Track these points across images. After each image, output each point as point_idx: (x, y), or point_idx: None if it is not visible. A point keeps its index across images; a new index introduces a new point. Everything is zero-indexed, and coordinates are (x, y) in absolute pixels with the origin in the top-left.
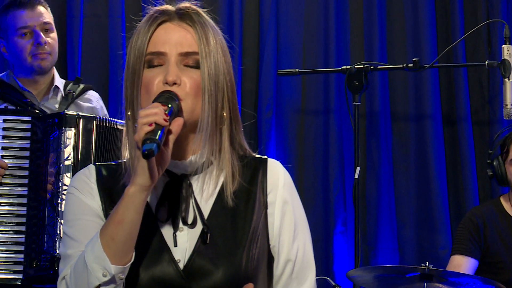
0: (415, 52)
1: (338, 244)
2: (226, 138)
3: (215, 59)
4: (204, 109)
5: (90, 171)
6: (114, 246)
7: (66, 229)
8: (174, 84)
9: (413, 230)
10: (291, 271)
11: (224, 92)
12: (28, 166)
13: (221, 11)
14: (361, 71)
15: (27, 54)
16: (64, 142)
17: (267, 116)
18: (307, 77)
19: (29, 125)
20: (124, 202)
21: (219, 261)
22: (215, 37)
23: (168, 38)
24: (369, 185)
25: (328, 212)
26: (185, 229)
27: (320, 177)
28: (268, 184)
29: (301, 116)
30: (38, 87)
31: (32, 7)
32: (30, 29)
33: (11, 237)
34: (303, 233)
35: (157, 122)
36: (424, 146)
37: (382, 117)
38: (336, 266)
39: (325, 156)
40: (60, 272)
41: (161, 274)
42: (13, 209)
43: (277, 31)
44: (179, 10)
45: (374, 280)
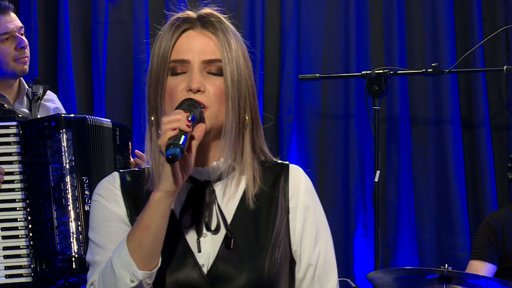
0: (434, 57)
1: (359, 246)
2: (247, 142)
3: (237, 65)
4: (228, 115)
5: (114, 178)
6: (141, 252)
7: (93, 236)
8: (198, 91)
9: (432, 233)
10: (313, 275)
11: (246, 97)
12: (22, 170)
13: (243, 17)
14: (381, 76)
15: (10, 59)
16: (64, 143)
17: (288, 120)
18: (328, 82)
19: (16, 129)
20: (150, 208)
21: (242, 266)
22: (236, 43)
23: (191, 46)
24: (389, 188)
25: (348, 214)
26: (208, 234)
27: (341, 180)
28: (290, 189)
29: (322, 121)
30: (11, 91)
31: (7, 13)
32: (11, 34)
33: (16, 242)
34: (325, 237)
35: (180, 128)
36: (443, 150)
37: (402, 121)
38: (356, 268)
39: (346, 159)
40: (88, 278)
41: (185, 278)
42: (16, 215)
43: (298, 36)
44: (201, 17)
45: (394, 282)
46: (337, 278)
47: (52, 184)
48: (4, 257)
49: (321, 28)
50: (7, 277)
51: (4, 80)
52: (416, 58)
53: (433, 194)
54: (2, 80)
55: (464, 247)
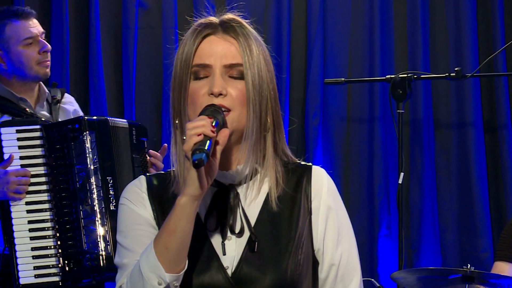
0: (457, 61)
1: (383, 246)
2: (270, 145)
3: (258, 69)
4: (250, 118)
5: (140, 182)
6: (168, 255)
7: (120, 239)
8: (220, 95)
9: (455, 234)
10: (335, 275)
11: (268, 101)
12: (47, 172)
13: (269, 22)
14: (405, 80)
15: (34, 62)
16: (88, 145)
17: (314, 123)
18: (353, 86)
19: (40, 133)
20: (176, 212)
21: (266, 268)
22: (258, 47)
23: (213, 51)
24: (413, 190)
25: (372, 216)
26: (233, 237)
27: (365, 182)
28: (312, 190)
29: (347, 124)
30: (33, 95)
31: (30, 18)
32: (35, 39)
33: (44, 243)
34: (347, 238)
35: (205, 133)
36: (466, 152)
37: (425, 125)
38: (380, 268)
39: (370, 162)
40: (117, 281)
41: (210, 281)
42: (43, 215)
43: (324, 41)
44: (223, 23)
45: (417, 282)
46: (361, 278)
47: (78, 185)
48: (33, 257)
49: (346, 33)
50: (36, 277)
51: (26, 84)
52: (439, 62)
53: (456, 196)
54: (24, 83)
55: (486, 248)
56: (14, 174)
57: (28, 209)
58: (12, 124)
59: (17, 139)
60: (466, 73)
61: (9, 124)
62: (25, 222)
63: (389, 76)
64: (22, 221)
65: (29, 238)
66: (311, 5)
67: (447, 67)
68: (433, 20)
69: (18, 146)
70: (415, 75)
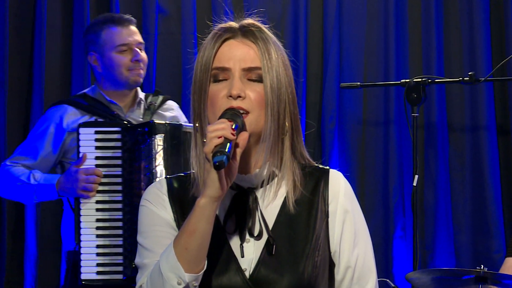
0: (471, 65)
1: (398, 248)
2: (287, 147)
3: (277, 73)
4: (267, 121)
5: (161, 184)
6: (187, 256)
7: (141, 240)
8: (238, 97)
9: (468, 235)
10: (352, 277)
11: (286, 104)
12: (121, 173)
13: (287, 28)
14: (419, 84)
15: (124, 68)
16: (155, 149)
17: (330, 127)
18: (368, 90)
19: (119, 135)
20: (196, 213)
21: (284, 270)
22: (276, 52)
23: (232, 54)
24: (427, 192)
25: (388, 217)
26: (251, 240)
27: (380, 185)
28: (330, 194)
29: (362, 127)
30: (125, 100)
31: (128, 26)
32: (129, 47)
33: (111, 241)
34: (364, 240)
35: (225, 136)
36: (479, 155)
37: (439, 128)
38: (395, 268)
39: (385, 164)
40: (137, 281)
41: (228, 282)
42: (111, 215)
43: (340, 46)
44: (242, 27)
45: (431, 282)
46: (376, 279)
47: (143, 188)
48: (97, 254)
49: (361, 38)
50: (98, 273)
51: (118, 90)
52: (453, 66)
53: (469, 198)
54: (116, 90)
55: (499, 249)
56: (84, 172)
57: (98, 207)
58: (92, 125)
59: (95, 139)
60: (479, 77)
61: (89, 125)
62: (93, 220)
63: (404, 80)
64: (91, 218)
65: (95, 236)
66: (327, 11)
67: (461, 71)
68: (447, 25)
69: (95, 146)
70: (429, 79)
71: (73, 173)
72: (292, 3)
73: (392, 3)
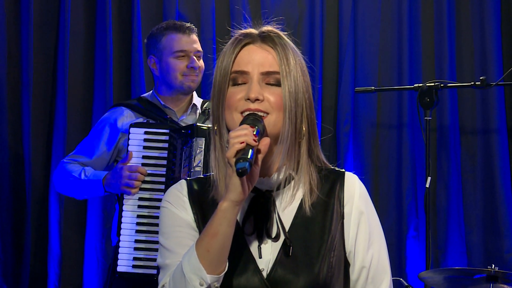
0: (482, 70)
1: (411, 247)
2: (304, 151)
3: (294, 78)
4: (285, 124)
5: (182, 186)
6: (209, 257)
7: (163, 240)
8: (256, 100)
9: (480, 235)
10: (366, 277)
11: (303, 108)
12: (165, 173)
13: (303, 34)
14: (432, 89)
15: (179, 73)
16: (195, 150)
17: (345, 130)
18: (382, 94)
19: (167, 137)
20: (218, 217)
21: (300, 271)
22: (294, 57)
23: (251, 59)
24: (439, 194)
25: (401, 218)
26: (269, 241)
27: (394, 186)
28: (345, 196)
29: (377, 130)
30: (179, 104)
31: (189, 34)
32: (186, 53)
33: (148, 237)
34: (378, 241)
35: (247, 142)
36: (491, 157)
37: (451, 131)
38: (408, 268)
39: (399, 166)
40: (160, 281)
41: (246, 283)
42: (151, 212)
43: (355, 52)
44: (261, 33)
45: (444, 281)
46: (391, 279)
47: None
48: (134, 249)
49: (375, 44)
50: (134, 267)
51: (173, 95)
52: (465, 71)
53: (481, 199)
54: (171, 94)
55: (510, 249)
56: (128, 169)
57: (140, 204)
58: (143, 126)
59: (144, 139)
60: (490, 81)
61: (140, 126)
62: (135, 215)
63: (417, 85)
64: (132, 214)
65: (134, 231)
66: (342, 18)
67: (472, 76)
68: (459, 31)
69: (144, 146)
70: (441, 84)
71: (118, 170)
72: (308, 10)
73: (406, 10)
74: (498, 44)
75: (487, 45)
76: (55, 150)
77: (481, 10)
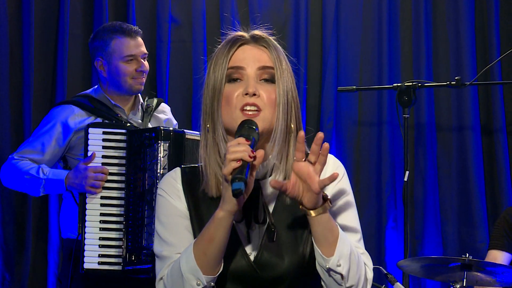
0: (457, 71)
1: (390, 237)
2: (292, 147)
3: (287, 78)
4: (278, 120)
5: (176, 174)
6: (205, 260)
7: (160, 229)
8: (254, 95)
9: (454, 226)
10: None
11: (292, 107)
12: (125, 172)
13: (289, 36)
14: (410, 88)
15: (129, 77)
16: (160, 153)
17: (328, 127)
18: (363, 93)
19: (125, 137)
20: (214, 224)
21: (285, 254)
22: (285, 59)
23: (247, 55)
24: (417, 187)
25: (381, 210)
26: (255, 227)
27: (374, 180)
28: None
29: (358, 127)
30: (127, 103)
31: (135, 37)
32: (135, 57)
33: (112, 234)
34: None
35: (243, 159)
36: (465, 153)
37: (428, 128)
38: (387, 256)
39: (379, 161)
40: (157, 272)
41: (235, 266)
42: (114, 210)
43: (337, 54)
44: (253, 36)
45: (420, 269)
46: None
47: (146, 187)
48: (99, 246)
49: (357, 45)
50: (100, 264)
51: (121, 95)
52: (441, 71)
53: (456, 192)
54: (120, 94)
55: (483, 239)
56: (93, 170)
57: (102, 203)
58: (101, 126)
59: (103, 139)
60: (465, 81)
61: (98, 126)
62: (98, 214)
63: (396, 84)
64: (95, 212)
65: (98, 229)
66: (326, 22)
67: (448, 76)
68: (435, 34)
69: (102, 146)
70: (419, 83)
71: (82, 170)
72: (294, 15)
73: (385, 14)
74: (472, 46)
75: (462, 47)
76: None
77: (456, 14)
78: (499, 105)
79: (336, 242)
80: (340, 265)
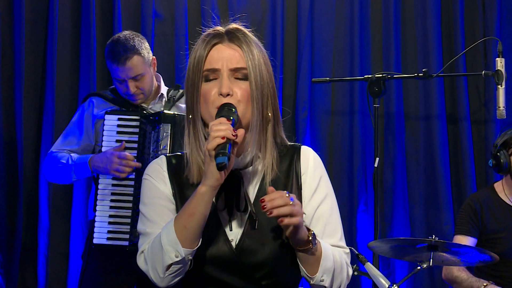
0: (425, 63)
1: (361, 220)
2: (270, 135)
3: (260, 71)
4: (254, 114)
5: (162, 161)
6: (185, 233)
7: (144, 209)
8: (228, 95)
9: (422, 209)
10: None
11: (268, 97)
12: (136, 155)
13: (266, 30)
14: (380, 79)
15: (123, 93)
16: (162, 135)
17: (303, 116)
18: (336, 84)
19: (137, 122)
20: (196, 198)
21: (265, 240)
22: (259, 52)
23: (221, 57)
24: (386, 173)
25: (352, 194)
26: (237, 215)
27: (346, 166)
28: (302, 167)
29: (331, 116)
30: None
31: (124, 63)
32: (123, 81)
33: (121, 212)
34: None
35: (227, 137)
36: (431, 141)
37: (397, 117)
38: (359, 238)
39: (350, 149)
40: (140, 247)
41: (217, 252)
42: (123, 190)
43: (312, 46)
44: (228, 32)
45: (390, 250)
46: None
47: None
48: (109, 223)
49: (330, 39)
50: (108, 239)
51: None
52: (409, 64)
53: (423, 177)
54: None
55: (448, 222)
56: (117, 155)
57: (114, 183)
58: (117, 113)
59: (117, 125)
60: (432, 73)
61: (114, 113)
62: (109, 193)
63: (367, 76)
64: (107, 192)
65: (109, 207)
66: (301, 16)
67: (416, 68)
68: (404, 28)
69: (117, 131)
70: (389, 75)
71: (108, 155)
72: (271, 10)
73: (357, 10)
74: (439, 40)
75: (429, 41)
76: (44, 135)
77: (424, 10)
78: (464, 96)
79: (319, 261)
80: (324, 280)
